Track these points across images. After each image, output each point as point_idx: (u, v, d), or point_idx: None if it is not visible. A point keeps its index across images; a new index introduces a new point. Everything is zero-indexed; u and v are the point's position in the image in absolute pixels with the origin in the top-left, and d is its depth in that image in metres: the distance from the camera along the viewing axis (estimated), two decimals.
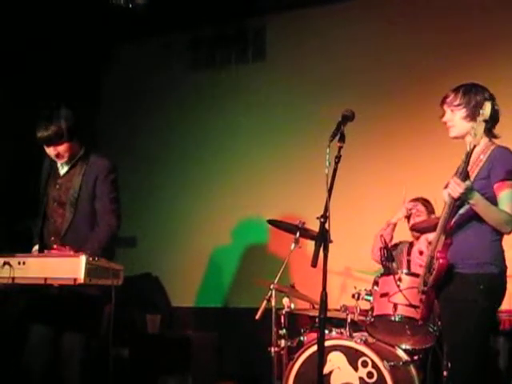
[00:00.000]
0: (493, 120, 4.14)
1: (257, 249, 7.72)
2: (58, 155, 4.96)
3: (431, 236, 4.32)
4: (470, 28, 6.92)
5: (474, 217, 4.04)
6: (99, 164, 5.03)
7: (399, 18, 7.23)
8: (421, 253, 4.31)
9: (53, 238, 4.96)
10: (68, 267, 4.32)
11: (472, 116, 4.14)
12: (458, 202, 3.99)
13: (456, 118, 4.22)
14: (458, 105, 4.20)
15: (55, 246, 4.74)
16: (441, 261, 4.01)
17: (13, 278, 4.40)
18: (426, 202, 6.10)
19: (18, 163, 6.82)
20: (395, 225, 6.07)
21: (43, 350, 4.92)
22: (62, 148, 4.93)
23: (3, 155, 7.15)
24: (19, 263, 4.41)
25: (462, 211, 4.05)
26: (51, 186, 5.08)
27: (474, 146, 3.96)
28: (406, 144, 6.92)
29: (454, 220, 4.06)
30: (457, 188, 3.90)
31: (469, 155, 3.96)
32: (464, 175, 3.94)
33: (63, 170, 5.06)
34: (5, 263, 4.40)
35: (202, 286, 7.92)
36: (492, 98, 4.19)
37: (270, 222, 6.06)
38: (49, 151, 4.96)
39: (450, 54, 6.94)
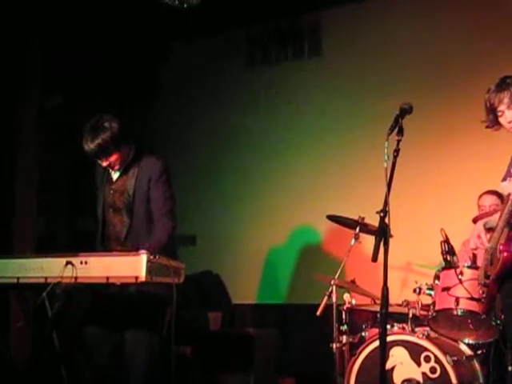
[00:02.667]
0: None
1: (315, 246, 7.71)
2: (108, 165, 4.99)
3: (490, 221, 4.26)
4: None
5: None
6: (151, 166, 5.02)
7: (459, 9, 7.14)
8: (478, 237, 4.24)
9: (115, 244, 5.01)
10: (129, 266, 4.34)
11: None
12: None
13: None
14: None
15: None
16: (505, 254, 3.96)
17: (76, 278, 4.44)
18: (499, 195, 6.02)
19: (78, 164, 6.91)
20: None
21: (104, 350, 4.97)
22: (111, 158, 4.94)
23: (64, 156, 7.26)
24: (81, 263, 4.44)
25: None
26: (106, 192, 5.12)
27: None
28: (468, 137, 6.84)
29: None
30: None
31: None
32: None
33: (116, 175, 5.09)
34: (67, 263, 4.45)
35: (263, 282, 7.94)
36: None
37: (330, 217, 6.03)
38: (99, 162, 5.00)
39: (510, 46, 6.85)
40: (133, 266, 4.33)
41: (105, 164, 4.97)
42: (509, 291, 4.11)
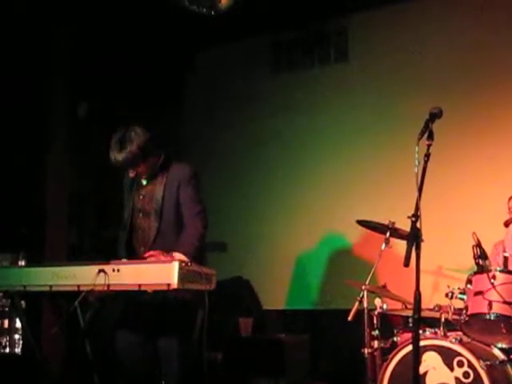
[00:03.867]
0: None
1: (345, 251, 7.70)
2: (136, 175, 5.03)
3: None
4: None
5: None
6: (180, 171, 5.06)
7: (490, 11, 7.11)
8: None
9: (142, 249, 5.03)
10: (161, 273, 4.37)
11: None
12: None
13: None
14: None
15: (147, 254, 4.80)
16: None
17: (108, 285, 4.47)
18: None
19: (105, 171, 6.95)
20: None
21: (137, 357, 4.99)
22: (138, 169, 4.99)
23: (92, 163, 7.31)
24: (114, 270, 4.47)
25: None
26: (135, 197, 5.15)
27: None
28: (497, 139, 6.82)
29: None
30: None
31: None
32: None
33: (145, 180, 5.12)
34: (100, 271, 4.48)
35: (293, 288, 7.94)
36: None
37: (360, 222, 6.03)
38: (128, 172, 5.04)
39: None
40: (165, 274, 4.35)
41: (131, 175, 5.02)
42: None
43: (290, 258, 7.96)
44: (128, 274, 4.46)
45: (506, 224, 5.57)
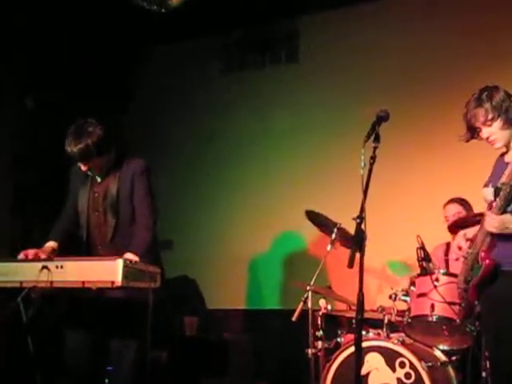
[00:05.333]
0: None
1: (293, 252, 7.72)
2: (88, 170, 4.99)
3: (469, 232, 4.29)
4: (505, 25, 6.89)
5: None
6: (133, 165, 5.04)
7: (434, 16, 7.19)
8: (459, 248, 4.27)
9: (100, 247, 5.02)
10: (105, 270, 4.34)
11: (509, 121, 4.07)
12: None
13: (495, 129, 4.09)
14: (492, 118, 4.06)
15: None
16: (487, 261, 3.98)
17: (51, 282, 4.42)
18: (462, 202, 6.07)
19: (56, 166, 6.88)
20: None
21: (82, 355, 4.94)
22: (91, 164, 4.94)
23: (39, 158, 7.22)
24: (57, 267, 4.43)
25: (509, 209, 4.00)
26: (90, 195, 5.09)
27: None
28: (444, 143, 6.87)
29: None
30: (492, 223, 3.92)
31: None
32: None
33: (99, 178, 5.08)
34: (43, 267, 4.43)
35: (239, 288, 7.93)
36: (509, 95, 4.14)
37: (308, 213, 6.01)
38: (79, 165, 4.98)
39: (485, 52, 6.91)
40: (109, 271, 4.32)
41: (84, 168, 4.96)
42: (487, 298, 4.13)
43: (237, 257, 7.94)
44: (72, 271, 4.42)
45: (450, 229, 5.64)
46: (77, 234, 5.15)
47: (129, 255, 4.58)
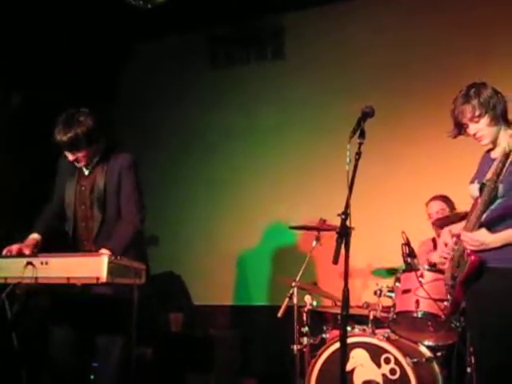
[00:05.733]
0: None
1: (280, 248, 7.71)
2: (76, 160, 4.95)
3: (454, 228, 4.30)
4: (492, 21, 6.90)
5: (505, 212, 4.00)
6: (121, 159, 5.02)
7: (420, 12, 7.20)
8: (446, 245, 4.28)
9: (85, 242, 5.00)
10: (90, 266, 4.33)
11: (496, 118, 4.09)
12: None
13: (482, 126, 4.09)
14: (480, 114, 4.07)
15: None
16: (472, 257, 3.99)
17: (36, 278, 4.41)
18: (445, 199, 6.09)
19: (40, 165, 6.85)
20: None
21: (68, 351, 4.93)
22: (80, 154, 4.91)
23: (24, 157, 7.18)
24: (42, 263, 4.42)
25: (493, 207, 4.00)
26: (77, 188, 5.07)
27: None
28: (429, 139, 6.89)
29: (485, 215, 4.02)
30: (472, 242, 3.95)
31: (507, 156, 3.87)
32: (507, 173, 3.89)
33: (87, 171, 5.07)
34: (28, 263, 4.42)
35: (225, 284, 7.92)
36: (497, 91, 4.15)
37: (292, 228, 6.07)
38: (67, 154, 4.95)
39: (471, 48, 6.92)
40: (94, 267, 4.31)
41: (71, 158, 4.93)
42: (472, 294, 4.14)
43: (223, 253, 7.93)
44: (56, 267, 4.42)
45: (434, 224, 5.66)
46: (60, 228, 5.13)
47: (103, 251, 4.58)
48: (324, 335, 5.68)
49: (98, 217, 4.96)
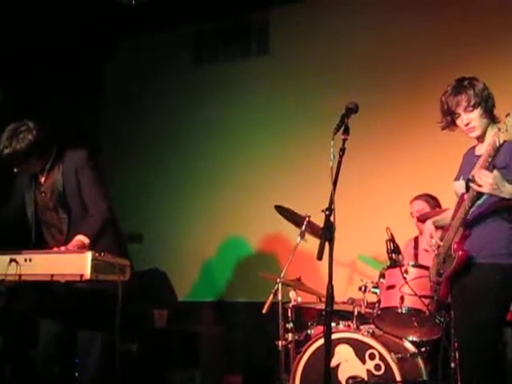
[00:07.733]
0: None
1: (265, 244, 7.71)
2: (19, 171, 4.99)
3: (437, 220, 4.31)
4: (475, 18, 6.91)
5: (492, 208, 4.00)
6: (74, 157, 5.00)
7: (405, 8, 7.21)
8: (431, 236, 4.28)
9: (59, 243, 4.93)
10: (74, 263, 4.33)
11: (487, 111, 4.10)
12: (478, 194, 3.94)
13: (475, 116, 4.09)
14: (474, 104, 4.07)
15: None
16: (460, 253, 3.99)
17: (19, 275, 4.40)
18: (427, 198, 6.09)
19: None
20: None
21: (52, 346, 4.94)
22: (20, 167, 4.93)
23: None
24: (26, 260, 4.42)
25: (479, 202, 4.00)
26: (37, 195, 5.07)
27: (505, 141, 3.74)
28: (413, 135, 6.91)
29: (471, 211, 4.02)
30: (486, 179, 3.78)
31: (498, 149, 3.85)
32: (491, 167, 3.87)
33: (42, 177, 5.05)
34: (11, 260, 4.41)
35: (209, 280, 7.93)
36: (487, 86, 4.16)
37: (278, 207, 6.01)
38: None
39: (455, 44, 6.94)
40: (78, 264, 4.31)
41: (15, 170, 4.96)
42: (458, 288, 4.15)
43: (207, 250, 7.94)
44: (40, 264, 4.41)
45: (420, 219, 5.66)
46: (8, 232, 5.10)
47: (79, 237, 4.61)
48: (309, 331, 5.69)
49: (65, 218, 4.97)
